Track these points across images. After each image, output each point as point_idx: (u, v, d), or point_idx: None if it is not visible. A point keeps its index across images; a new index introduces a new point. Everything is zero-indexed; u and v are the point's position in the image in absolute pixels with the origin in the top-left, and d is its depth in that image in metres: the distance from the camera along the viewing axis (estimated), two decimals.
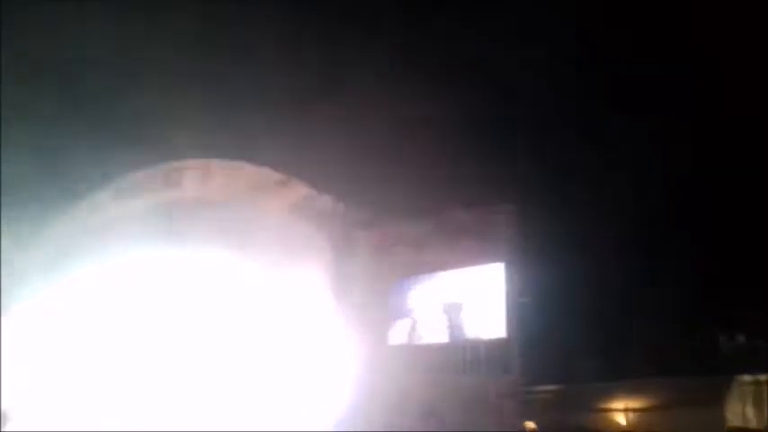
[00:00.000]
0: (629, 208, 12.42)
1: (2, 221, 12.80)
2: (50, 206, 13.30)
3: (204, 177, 15.99)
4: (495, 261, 13.74)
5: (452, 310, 14.16)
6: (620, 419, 13.42)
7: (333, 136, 13.09)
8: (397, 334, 14.83)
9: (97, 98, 12.50)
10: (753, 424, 9.83)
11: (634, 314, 12.25)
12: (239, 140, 13.79)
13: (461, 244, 14.08)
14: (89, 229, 17.08)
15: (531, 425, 13.69)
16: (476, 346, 13.59)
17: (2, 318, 15.48)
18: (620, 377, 12.76)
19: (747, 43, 11.74)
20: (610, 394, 13.26)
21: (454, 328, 14.06)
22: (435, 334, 14.23)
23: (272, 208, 15.41)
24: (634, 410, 13.20)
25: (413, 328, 14.67)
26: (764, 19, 11.04)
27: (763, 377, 9.48)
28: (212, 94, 13.04)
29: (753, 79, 11.66)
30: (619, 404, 13.34)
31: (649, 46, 12.72)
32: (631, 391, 12.98)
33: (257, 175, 15.21)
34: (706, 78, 12.19)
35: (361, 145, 12.86)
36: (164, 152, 13.68)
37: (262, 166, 15.11)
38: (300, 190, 14.84)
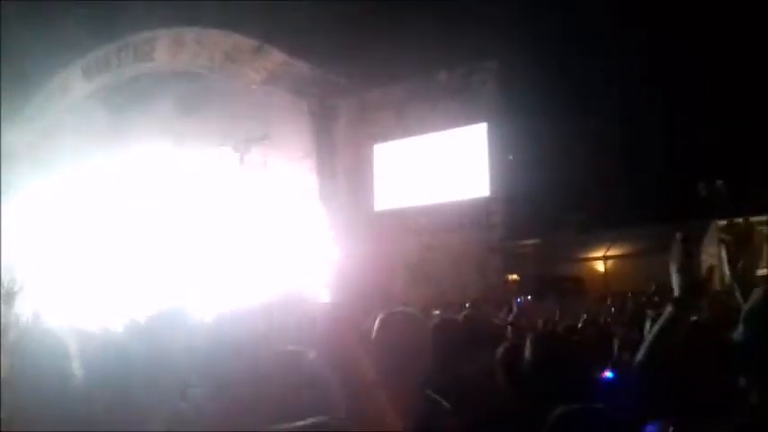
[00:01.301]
0: (611, 59, 12.35)
1: None
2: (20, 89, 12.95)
3: (175, 47, 15.46)
4: (477, 121, 13.81)
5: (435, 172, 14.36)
6: (599, 267, 14.14)
7: (307, 2, 12.56)
8: (383, 199, 15.09)
9: None
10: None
11: (616, 164, 12.53)
12: (211, 7, 13.20)
13: (442, 106, 14.05)
14: (64, 107, 16.69)
15: (513, 277, 14.33)
16: (461, 205, 13.93)
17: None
18: (600, 228, 13.27)
19: None
20: (589, 244, 13.84)
21: (438, 188, 14.32)
22: (420, 196, 14.52)
23: (248, 77, 15.03)
24: (612, 257, 13.88)
25: (397, 192, 14.90)
26: None
27: (741, 219, 9.88)
28: None
29: None
30: (597, 253, 14.00)
31: None
32: (610, 241, 13.58)
33: (231, 42, 14.73)
34: None
35: (337, 9, 12.38)
36: (133, 23, 13.12)
37: (235, 34, 14.62)
38: (276, 57, 14.46)
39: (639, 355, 1.90)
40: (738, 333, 1.58)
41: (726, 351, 1.67)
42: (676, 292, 1.91)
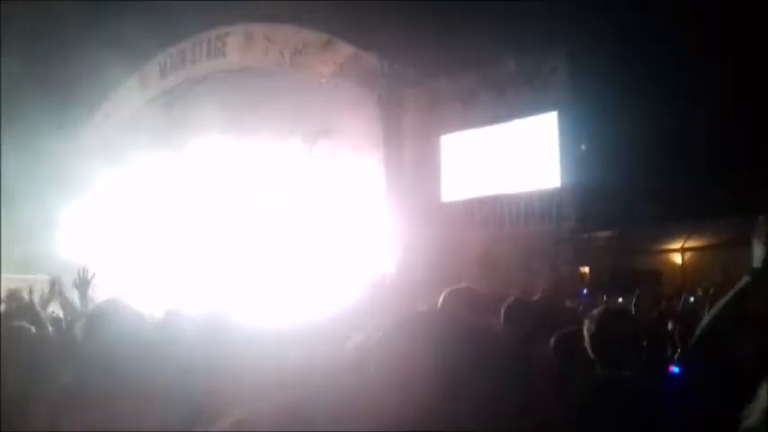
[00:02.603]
0: (687, 46, 11.84)
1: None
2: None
3: (246, 44, 15.82)
4: (547, 110, 13.51)
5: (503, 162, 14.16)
6: (676, 259, 13.61)
7: None
8: (451, 189, 14.99)
9: None
10: None
11: (694, 153, 12.03)
12: (281, 3, 13.41)
13: (511, 95, 13.82)
14: (141, 104, 17.36)
15: (585, 270, 13.99)
16: (531, 196, 13.70)
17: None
18: (677, 219, 12.77)
19: None
20: (666, 236, 13.33)
21: (507, 179, 14.12)
22: (488, 187, 14.35)
23: (317, 71, 15.22)
24: (690, 250, 13.33)
25: (464, 183, 14.78)
26: None
27: None
28: None
29: None
30: (675, 245, 13.47)
31: None
32: (688, 232, 13.03)
33: (300, 37, 14.95)
34: None
35: (402, 0, 12.36)
36: (204, 21, 13.49)
37: (304, 29, 14.82)
38: (345, 50, 14.57)
39: (698, 330, 1.83)
40: None
41: None
42: (756, 264, 1.85)
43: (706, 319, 1.83)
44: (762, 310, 1.75)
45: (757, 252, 1.79)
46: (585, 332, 2.43)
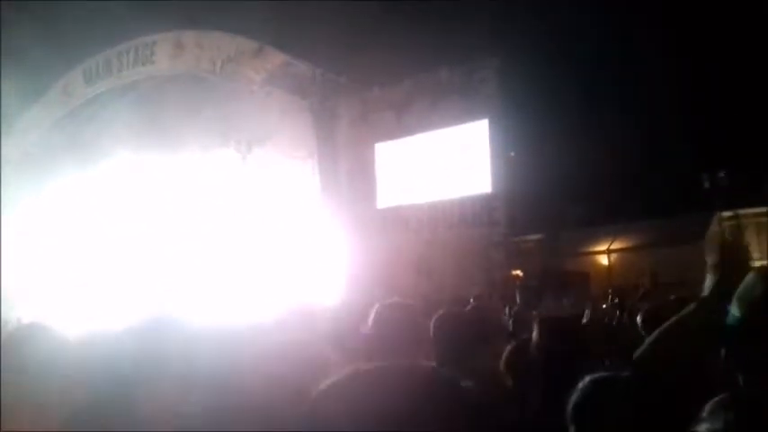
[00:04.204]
0: (612, 54, 12.37)
1: None
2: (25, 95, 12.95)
3: (176, 51, 15.51)
4: (478, 118, 13.82)
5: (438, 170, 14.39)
6: (603, 261, 14.15)
7: (307, 2, 12.60)
8: (385, 197, 15.12)
9: None
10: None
11: (617, 157, 12.54)
12: (211, 10, 13.23)
13: (443, 103, 14.07)
14: (64, 113, 16.75)
15: (517, 272, 14.36)
16: (463, 202, 13.96)
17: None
18: (603, 222, 13.30)
19: None
20: (593, 239, 13.87)
21: (440, 186, 14.35)
22: (422, 194, 14.54)
23: (249, 78, 15.07)
24: (617, 251, 13.90)
25: (399, 190, 14.93)
26: None
27: (743, 212, 9.91)
28: None
29: None
30: (601, 247, 14.02)
31: None
32: (614, 234, 13.60)
33: (232, 45, 14.78)
34: None
35: (336, 9, 12.41)
36: (133, 27, 13.16)
37: (236, 36, 14.67)
38: (277, 58, 14.49)
39: (639, 351, 1.79)
40: (732, 317, 1.57)
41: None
42: (709, 285, 1.71)
43: (646, 342, 1.79)
44: (702, 340, 1.72)
45: (710, 257, 1.73)
46: (533, 340, 2.47)
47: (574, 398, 1.79)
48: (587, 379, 1.82)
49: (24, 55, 12.48)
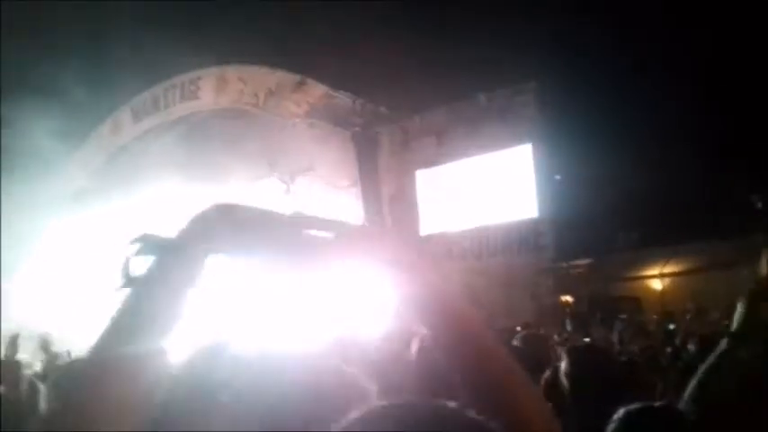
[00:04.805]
0: (659, 75, 12.12)
1: None
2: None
3: (220, 86, 15.86)
4: (521, 143, 13.66)
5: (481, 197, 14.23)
6: (656, 285, 13.67)
7: (347, 34, 12.75)
8: (428, 223, 15.01)
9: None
10: None
11: (668, 181, 12.19)
12: (253, 45, 13.52)
13: (484, 129, 13.97)
14: (114, 150, 17.25)
15: (566, 299, 14.01)
16: (508, 227, 13.75)
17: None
18: (655, 245, 12.88)
19: None
20: (645, 262, 13.42)
21: (484, 211, 14.18)
22: (465, 220, 14.39)
23: (290, 111, 15.28)
24: (669, 275, 13.40)
25: (442, 217, 14.82)
26: None
27: None
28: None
29: None
30: (653, 271, 13.55)
31: None
32: (667, 257, 13.13)
33: (273, 78, 15.03)
34: None
35: (375, 40, 12.52)
36: (178, 64, 13.54)
37: (276, 69, 14.92)
38: (317, 90, 14.67)
39: (686, 394, 1.74)
40: None
41: None
42: (738, 321, 1.70)
43: (691, 385, 1.73)
44: (740, 376, 1.63)
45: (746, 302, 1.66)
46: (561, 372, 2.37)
47: (610, 429, 1.77)
48: (622, 410, 1.80)
49: (70, 94, 12.93)
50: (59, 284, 17.12)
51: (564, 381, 2.36)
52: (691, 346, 4.27)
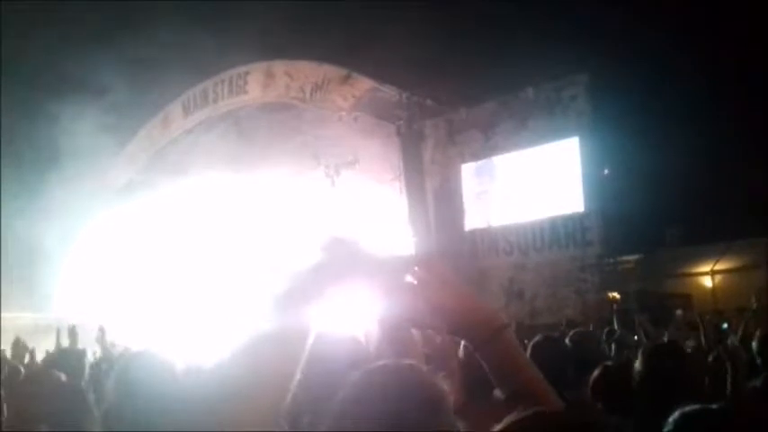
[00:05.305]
0: (709, 68, 11.80)
1: None
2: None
3: (267, 80, 16.06)
4: (568, 136, 13.47)
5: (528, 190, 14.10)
6: (707, 282, 13.34)
7: (393, 28, 12.75)
8: (473, 218, 14.94)
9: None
10: None
11: (719, 175, 11.88)
12: (299, 39, 13.64)
13: (531, 122, 13.82)
14: (164, 143, 17.66)
15: (614, 295, 13.78)
16: (555, 222, 13.59)
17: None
18: (705, 241, 12.57)
19: None
20: (696, 259, 13.11)
21: (530, 206, 14.04)
22: (511, 214, 14.28)
23: (336, 104, 15.36)
24: (720, 272, 13.07)
25: (487, 211, 14.72)
26: None
27: None
28: None
29: None
30: (705, 267, 13.22)
31: None
32: (719, 254, 12.80)
33: (320, 72, 15.14)
34: None
35: (422, 32, 12.50)
36: (226, 59, 13.78)
37: (323, 64, 15.02)
38: (364, 84, 14.70)
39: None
40: None
41: None
42: None
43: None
44: None
45: None
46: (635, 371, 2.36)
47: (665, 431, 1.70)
48: (678, 412, 1.73)
49: (120, 92, 13.28)
50: (107, 275, 17.63)
51: (638, 379, 2.33)
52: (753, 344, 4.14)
